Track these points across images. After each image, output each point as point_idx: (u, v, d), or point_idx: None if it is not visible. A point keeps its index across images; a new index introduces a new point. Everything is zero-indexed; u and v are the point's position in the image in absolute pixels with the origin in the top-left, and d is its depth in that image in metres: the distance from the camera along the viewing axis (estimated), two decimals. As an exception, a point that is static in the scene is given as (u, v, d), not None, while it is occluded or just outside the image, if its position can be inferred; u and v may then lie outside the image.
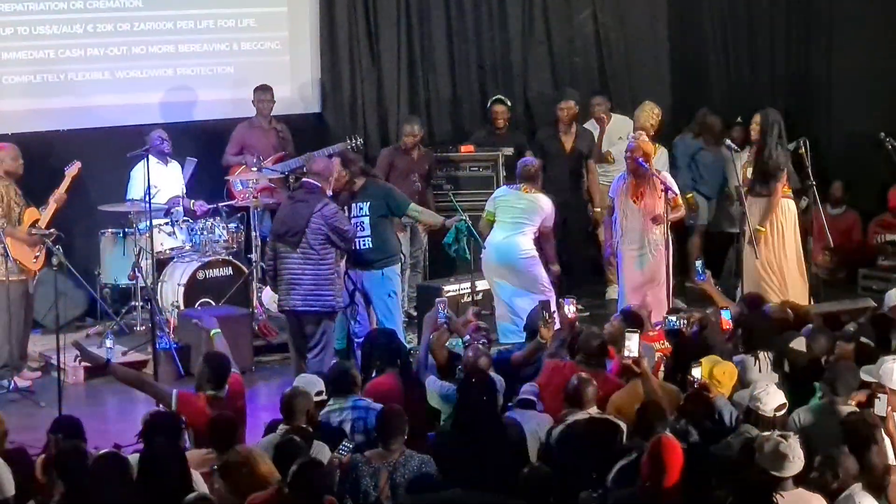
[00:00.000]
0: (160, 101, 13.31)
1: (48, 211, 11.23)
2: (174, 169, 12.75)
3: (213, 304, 11.93)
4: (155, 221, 11.98)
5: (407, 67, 14.24)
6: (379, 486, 7.33)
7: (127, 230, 12.29)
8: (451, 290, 11.90)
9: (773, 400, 7.47)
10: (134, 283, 12.18)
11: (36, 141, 12.23)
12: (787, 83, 15.03)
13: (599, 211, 12.90)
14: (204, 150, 13.17)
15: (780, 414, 7.44)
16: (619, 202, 11.44)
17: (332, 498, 6.87)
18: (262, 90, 13.06)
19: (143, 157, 11.92)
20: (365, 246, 10.66)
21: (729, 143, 12.11)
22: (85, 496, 6.59)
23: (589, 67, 14.96)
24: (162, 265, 12.25)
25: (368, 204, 10.70)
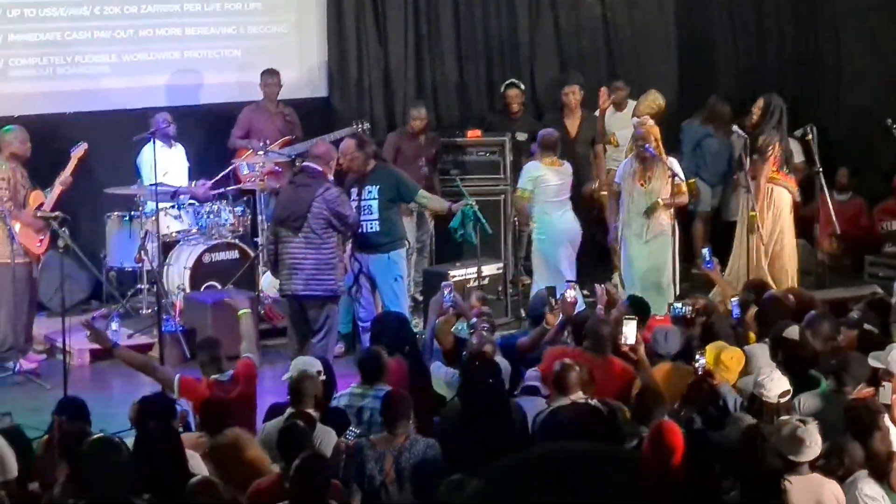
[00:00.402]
0: (167, 84, 13.29)
1: (53, 194, 11.24)
2: (179, 151, 12.74)
3: (218, 287, 11.93)
4: (161, 204, 11.99)
5: (414, 52, 14.21)
6: (384, 470, 7.34)
7: (133, 213, 12.30)
8: (457, 274, 11.86)
9: (777, 386, 7.45)
10: (140, 265, 12.20)
11: (42, 123, 12.21)
12: (794, 69, 15.01)
13: (605, 194, 12.88)
14: (210, 133, 13.17)
15: (783, 400, 7.43)
16: (625, 186, 11.44)
17: (336, 482, 6.88)
18: (269, 74, 13.03)
19: (148, 139, 11.94)
20: (372, 229, 10.68)
21: (737, 129, 12.08)
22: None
23: (596, 51, 14.92)
24: (168, 248, 12.25)
25: (378, 187, 10.71)
